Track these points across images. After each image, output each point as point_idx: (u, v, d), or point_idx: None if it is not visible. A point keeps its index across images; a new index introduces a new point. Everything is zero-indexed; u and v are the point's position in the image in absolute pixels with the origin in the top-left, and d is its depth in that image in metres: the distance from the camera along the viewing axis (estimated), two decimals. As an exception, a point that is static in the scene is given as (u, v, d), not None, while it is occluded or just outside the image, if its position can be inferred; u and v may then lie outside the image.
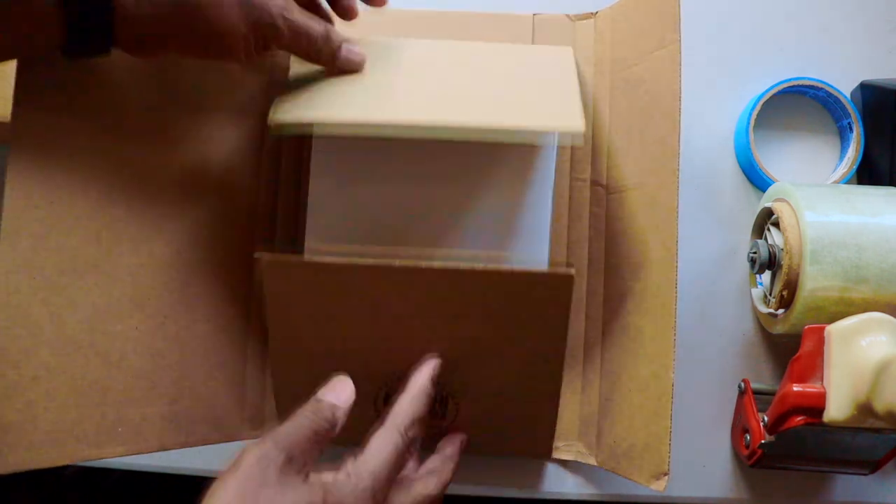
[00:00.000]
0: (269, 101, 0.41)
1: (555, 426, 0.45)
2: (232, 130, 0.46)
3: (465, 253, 0.43)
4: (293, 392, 0.41)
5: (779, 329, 0.45)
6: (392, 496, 0.34)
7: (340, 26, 0.42)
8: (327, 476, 0.33)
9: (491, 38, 0.48)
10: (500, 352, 0.41)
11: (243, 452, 0.32)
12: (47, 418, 0.37)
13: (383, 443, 0.34)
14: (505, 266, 0.38)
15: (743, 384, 0.46)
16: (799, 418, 0.40)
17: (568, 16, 0.49)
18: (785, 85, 0.49)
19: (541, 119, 0.39)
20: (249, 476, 0.31)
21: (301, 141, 0.47)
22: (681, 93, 0.41)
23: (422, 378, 0.38)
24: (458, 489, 0.48)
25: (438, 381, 0.39)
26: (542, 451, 0.45)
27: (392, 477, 0.34)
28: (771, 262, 0.44)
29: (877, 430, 0.39)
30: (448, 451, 0.41)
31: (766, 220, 0.46)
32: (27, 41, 0.34)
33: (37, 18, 0.32)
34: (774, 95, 0.49)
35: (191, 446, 0.43)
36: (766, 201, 0.46)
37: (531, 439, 0.45)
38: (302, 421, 0.34)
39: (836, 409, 0.38)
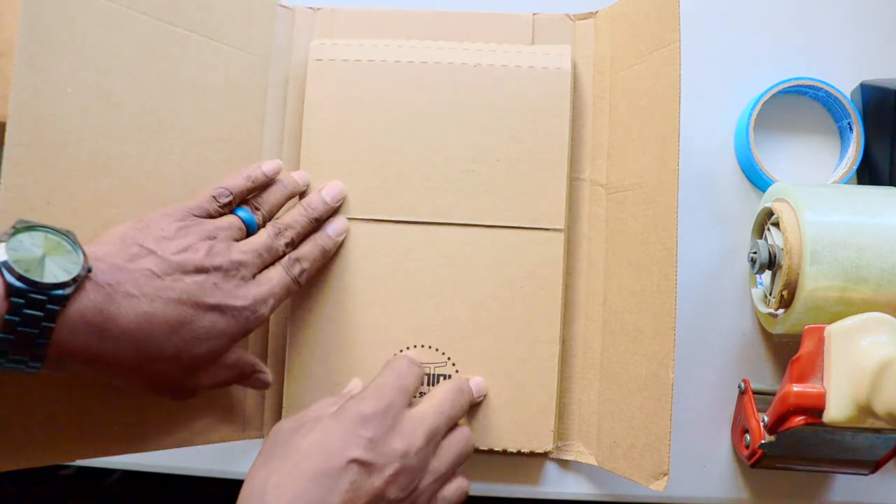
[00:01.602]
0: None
1: (553, 413, 0.45)
2: (233, 122, 0.46)
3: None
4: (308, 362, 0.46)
5: (779, 329, 0.45)
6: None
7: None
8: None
9: (491, 39, 0.48)
10: (502, 318, 0.45)
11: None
12: (54, 417, 0.37)
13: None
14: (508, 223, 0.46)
15: (743, 384, 0.46)
16: (799, 418, 0.40)
17: (568, 15, 0.50)
18: (785, 85, 0.49)
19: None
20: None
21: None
22: (681, 93, 0.41)
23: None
24: (458, 489, 0.48)
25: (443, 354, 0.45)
26: (541, 441, 0.45)
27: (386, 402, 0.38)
28: (771, 262, 0.44)
29: (877, 430, 0.39)
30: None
31: (766, 220, 0.46)
32: None
33: None
34: (774, 95, 0.49)
35: (191, 445, 0.43)
36: (766, 201, 0.46)
37: (531, 427, 0.45)
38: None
39: (836, 409, 0.38)
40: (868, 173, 0.49)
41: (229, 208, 0.41)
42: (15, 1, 0.36)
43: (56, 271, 0.32)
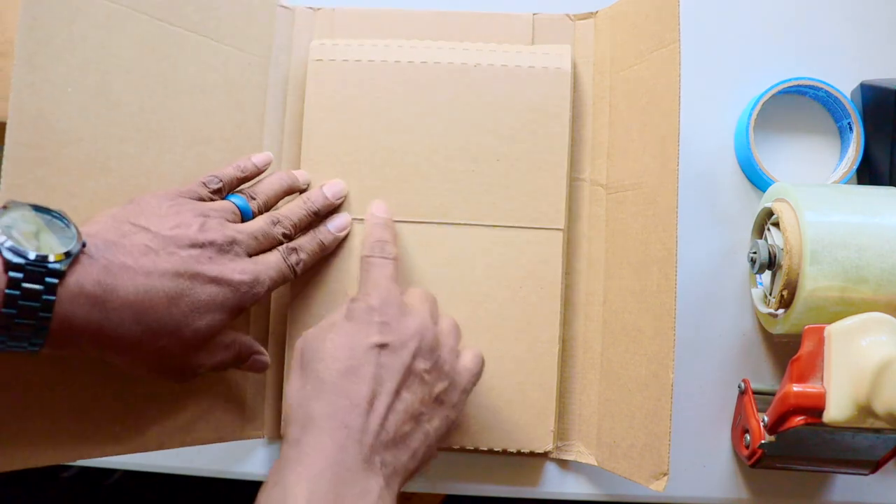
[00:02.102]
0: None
1: (553, 413, 0.45)
2: (233, 122, 0.46)
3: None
4: None
5: (779, 329, 0.45)
6: None
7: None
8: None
9: (491, 39, 0.48)
10: (501, 318, 0.45)
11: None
12: (55, 418, 0.37)
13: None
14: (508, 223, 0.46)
15: (743, 384, 0.46)
16: (799, 418, 0.40)
17: (568, 15, 0.50)
18: (785, 85, 0.49)
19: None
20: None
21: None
22: (681, 93, 0.41)
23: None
24: (458, 489, 0.48)
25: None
26: (541, 441, 0.45)
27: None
28: (771, 262, 0.44)
29: (877, 430, 0.39)
30: None
31: (766, 220, 0.46)
32: None
33: None
34: (774, 95, 0.49)
35: (189, 445, 0.43)
36: (766, 201, 0.46)
37: (531, 427, 0.45)
38: None
39: (836, 409, 0.38)
40: (868, 173, 0.49)
41: (220, 195, 0.42)
42: (16, 1, 0.36)
43: (52, 245, 0.32)
